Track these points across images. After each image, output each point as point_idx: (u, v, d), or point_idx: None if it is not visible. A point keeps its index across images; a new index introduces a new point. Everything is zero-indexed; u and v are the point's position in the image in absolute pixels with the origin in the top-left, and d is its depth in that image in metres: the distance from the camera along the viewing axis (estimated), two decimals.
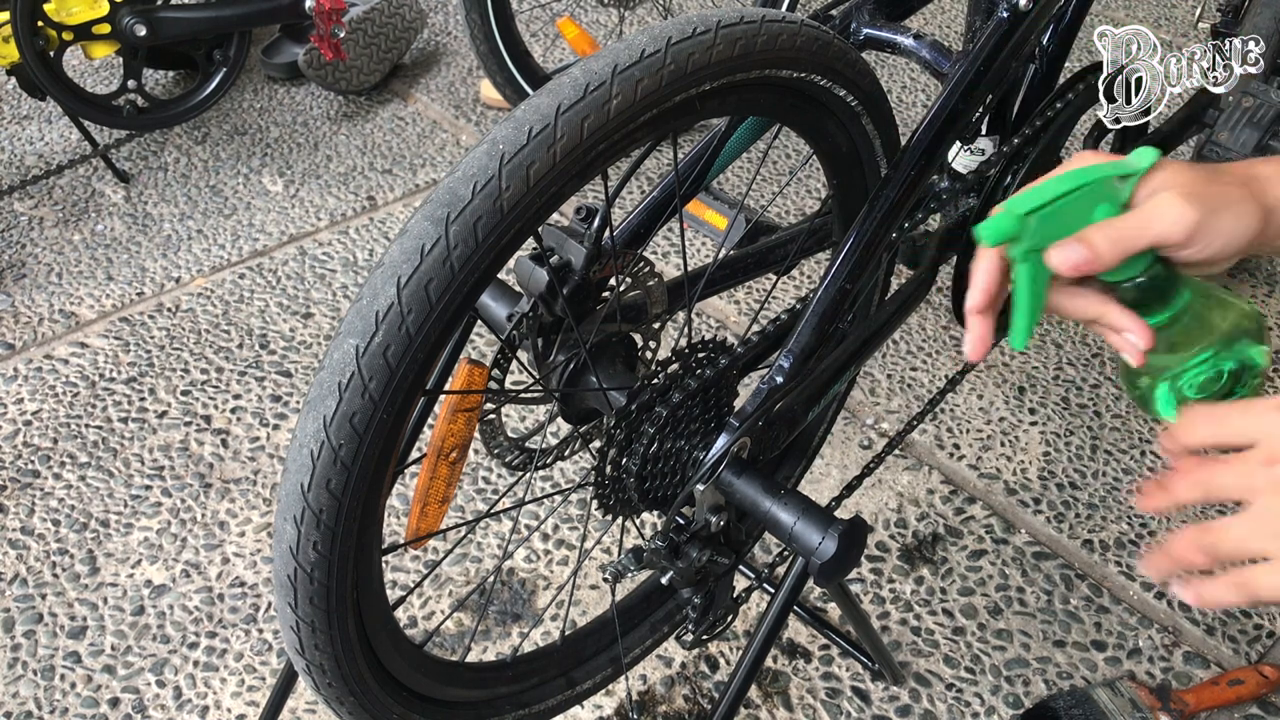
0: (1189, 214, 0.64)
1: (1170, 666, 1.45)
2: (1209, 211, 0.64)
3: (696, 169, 1.09)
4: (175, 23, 2.26)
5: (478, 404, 0.94)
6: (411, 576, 1.54)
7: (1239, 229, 0.65)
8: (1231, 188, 0.66)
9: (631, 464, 0.90)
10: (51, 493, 1.65)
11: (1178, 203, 0.64)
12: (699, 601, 0.98)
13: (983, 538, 1.61)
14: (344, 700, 0.87)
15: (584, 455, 1.65)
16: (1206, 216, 0.64)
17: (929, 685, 1.42)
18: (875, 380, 1.88)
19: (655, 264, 1.19)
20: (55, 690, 1.39)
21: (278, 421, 1.79)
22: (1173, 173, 0.66)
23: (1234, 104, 1.54)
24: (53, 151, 2.45)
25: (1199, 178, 0.66)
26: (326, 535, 0.76)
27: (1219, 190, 0.65)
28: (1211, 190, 0.65)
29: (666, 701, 1.40)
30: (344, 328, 0.73)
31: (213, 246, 2.18)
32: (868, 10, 1.16)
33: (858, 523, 0.88)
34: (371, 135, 2.55)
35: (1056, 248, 0.66)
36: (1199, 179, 0.66)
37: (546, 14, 3.00)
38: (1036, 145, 1.24)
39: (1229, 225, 0.65)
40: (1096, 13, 3.12)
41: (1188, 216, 0.64)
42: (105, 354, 1.91)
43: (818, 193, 2.36)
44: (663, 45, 0.78)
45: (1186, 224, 0.64)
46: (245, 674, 1.42)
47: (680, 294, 1.07)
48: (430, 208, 0.73)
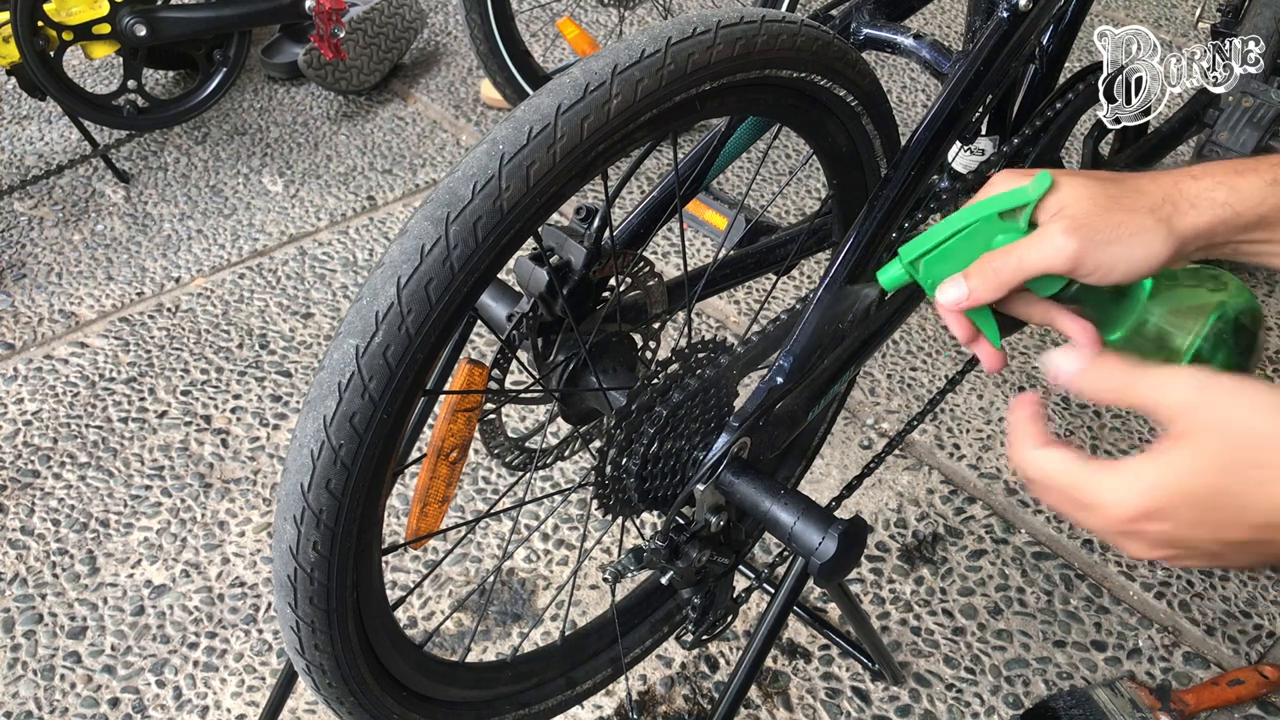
0: (1068, 248, 0.63)
1: (1170, 666, 1.45)
2: (1096, 244, 0.63)
3: (696, 169, 1.09)
4: (175, 23, 2.26)
5: (478, 404, 0.94)
6: (411, 576, 1.54)
7: (1136, 258, 0.63)
8: (1134, 215, 0.64)
9: (631, 464, 0.90)
10: (51, 493, 1.65)
11: (1058, 236, 0.64)
12: (699, 601, 0.98)
13: (983, 538, 1.61)
14: (344, 700, 0.87)
15: (584, 455, 1.65)
16: (1092, 249, 0.63)
17: (929, 685, 1.42)
18: (875, 380, 1.88)
19: (655, 264, 1.19)
20: (55, 690, 1.39)
21: (278, 421, 1.79)
22: (1073, 198, 0.65)
23: (1234, 104, 1.54)
24: (53, 151, 2.45)
25: (1097, 205, 0.64)
26: (326, 535, 0.76)
27: (1117, 219, 0.63)
28: (1107, 219, 0.64)
29: (666, 701, 1.40)
30: (344, 328, 0.73)
31: (213, 246, 2.18)
32: (868, 10, 1.16)
33: (858, 523, 0.88)
34: (371, 135, 2.55)
35: (942, 286, 0.68)
36: (1097, 207, 0.64)
37: (546, 14, 3.00)
38: (1036, 145, 1.24)
39: (1121, 255, 0.63)
40: (1096, 13, 3.12)
41: (1066, 250, 0.63)
42: (105, 354, 1.91)
43: (818, 193, 2.36)
44: (663, 45, 0.78)
45: (1065, 257, 0.63)
46: (245, 674, 1.42)
47: (680, 294, 1.07)
48: (430, 208, 0.73)
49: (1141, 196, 0.65)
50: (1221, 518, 0.55)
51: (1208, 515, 0.55)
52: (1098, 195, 0.65)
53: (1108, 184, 0.66)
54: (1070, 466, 0.60)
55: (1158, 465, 0.56)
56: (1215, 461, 0.54)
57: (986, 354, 0.72)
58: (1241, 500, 0.54)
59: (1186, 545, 0.57)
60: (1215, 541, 0.56)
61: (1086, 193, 0.65)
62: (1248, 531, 0.55)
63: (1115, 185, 0.66)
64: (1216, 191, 0.64)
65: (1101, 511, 0.58)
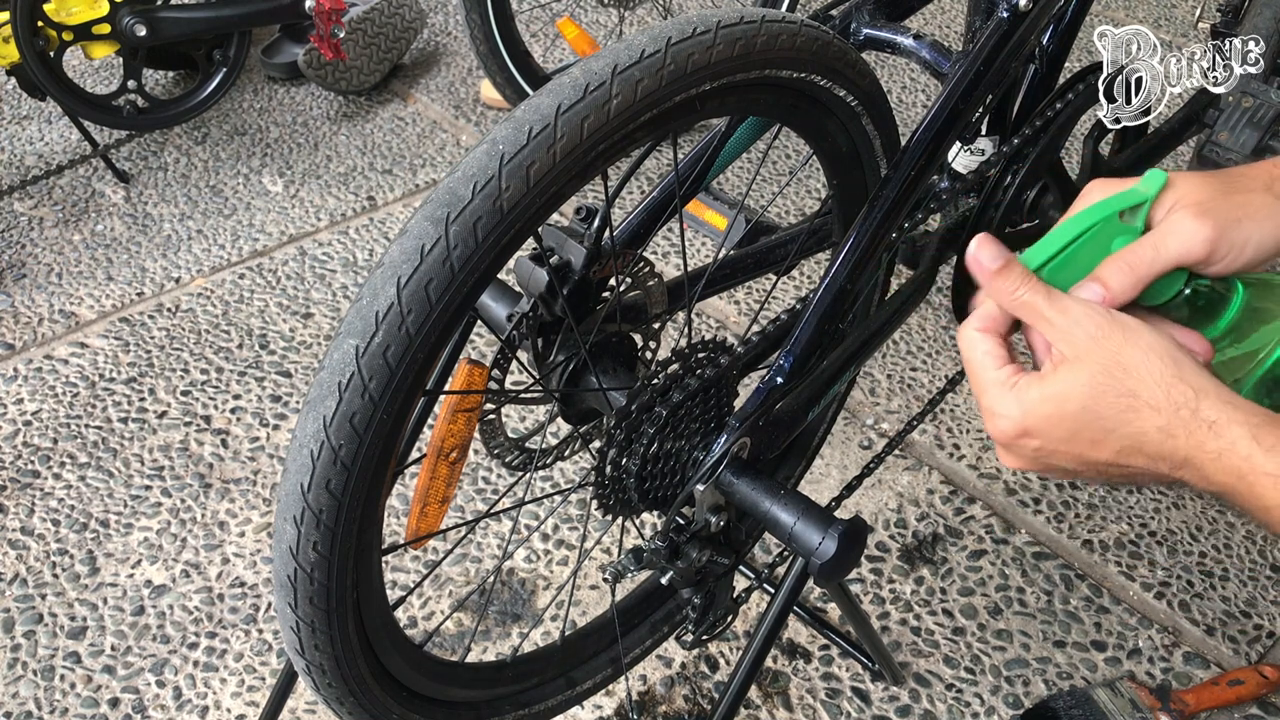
0: (1202, 231, 0.62)
1: (1170, 666, 1.45)
2: (1228, 223, 0.62)
3: (696, 169, 1.09)
4: (175, 23, 2.26)
5: (478, 404, 0.94)
6: (411, 576, 1.54)
7: (1265, 233, 0.63)
8: (1253, 194, 0.64)
9: (631, 464, 0.90)
10: (51, 493, 1.65)
11: (1190, 221, 0.63)
12: (699, 602, 0.98)
13: (983, 538, 1.61)
14: (344, 700, 0.87)
15: (584, 455, 1.65)
16: (1225, 229, 0.62)
17: (929, 685, 1.42)
18: (875, 380, 1.88)
19: (655, 264, 1.19)
20: (55, 690, 1.39)
21: (278, 421, 1.79)
22: (1188, 189, 0.65)
23: (1234, 104, 1.53)
24: (53, 151, 2.45)
25: (1216, 190, 0.64)
26: (326, 535, 0.76)
27: (1238, 199, 0.63)
28: (1230, 201, 0.63)
29: (666, 701, 1.40)
30: (344, 328, 0.73)
31: (213, 246, 2.18)
32: (868, 10, 1.16)
33: (858, 523, 0.88)
34: (371, 135, 2.55)
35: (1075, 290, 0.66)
36: (1216, 191, 0.64)
37: (546, 14, 3.00)
38: (1036, 145, 1.24)
39: (1253, 233, 0.63)
40: (1096, 13, 3.12)
41: (1201, 233, 0.62)
42: (105, 354, 1.91)
43: (818, 193, 2.36)
44: (663, 45, 0.78)
45: (1201, 241, 0.62)
46: (245, 674, 1.42)
47: (680, 294, 1.07)
48: (430, 208, 0.73)
49: (1251, 179, 0.65)
50: (1090, 438, 0.61)
51: (1078, 435, 0.61)
52: (1210, 182, 0.65)
53: (1214, 174, 0.66)
54: (988, 363, 0.65)
55: (1042, 387, 0.62)
56: (1090, 389, 0.60)
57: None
58: (1108, 425, 0.60)
59: (1054, 463, 0.64)
60: (1080, 460, 0.62)
61: (1200, 183, 0.65)
62: (1110, 454, 0.61)
63: (1221, 175, 0.66)
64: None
65: (991, 420, 0.65)
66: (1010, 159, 1.22)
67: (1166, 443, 0.59)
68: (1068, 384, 0.61)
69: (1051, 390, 0.62)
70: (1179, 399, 0.59)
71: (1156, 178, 0.65)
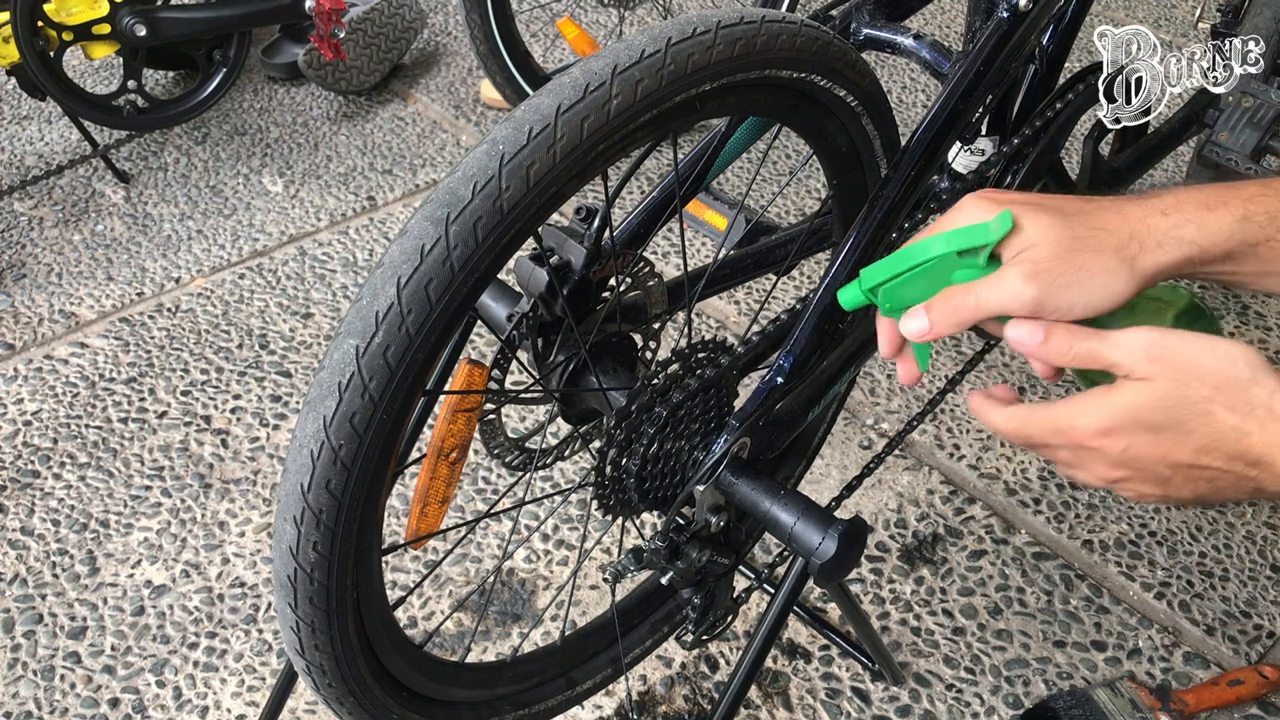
0: (1027, 292, 0.65)
1: (1170, 667, 1.45)
2: (1057, 288, 0.64)
3: (696, 169, 1.09)
4: (175, 23, 2.26)
5: (478, 404, 0.94)
6: (411, 576, 1.54)
7: (1095, 299, 0.65)
8: (1098, 256, 0.65)
9: (631, 464, 0.90)
10: (51, 493, 1.65)
11: (1018, 282, 0.65)
12: (699, 602, 0.98)
13: (983, 538, 1.61)
14: (344, 700, 0.87)
15: (584, 455, 1.65)
16: (1051, 292, 0.64)
17: (929, 685, 1.42)
18: (875, 380, 1.88)
19: (655, 264, 1.19)
20: (55, 690, 1.39)
21: (278, 421, 1.79)
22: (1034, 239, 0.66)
23: (1234, 104, 1.54)
24: (53, 151, 2.45)
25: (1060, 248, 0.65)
26: (326, 535, 0.76)
27: (1079, 261, 0.64)
28: (1068, 263, 0.65)
29: (666, 701, 1.40)
30: (344, 328, 0.73)
31: (213, 246, 2.18)
32: (868, 10, 1.16)
33: (858, 523, 0.88)
34: (371, 135, 2.55)
35: (905, 317, 0.70)
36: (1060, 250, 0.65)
37: (546, 14, 3.00)
38: (1036, 145, 1.24)
39: (1079, 298, 0.65)
40: (1096, 13, 3.12)
41: (1025, 294, 0.65)
42: (105, 354, 1.91)
43: (818, 193, 2.36)
44: (663, 45, 0.78)
45: (1025, 302, 0.65)
46: (245, 674, 1.42)
47: (680, 294, 1.07)
48: (430, 208, 0.73)
49: (1107, 234, 0.65)
50: (1170, 439, 0.62)
51: (1159, 437, 0.62)
52: (1062, 236, 0.65)
53: (1072, 220, 0.66)
54: (1038, 408, 0.67)
55: (1121, 393, 0.63)
56: (1167, 394, 0.62)
57: (907, 369, 0.77)
58: (1188, 425, 0.62)
59: (1139, 465, 0.64)
60: (1164, 462, 0.63)
61: (1050, 235, 0.66)
62: (1190, 455, 0.62)
63: (1080, 222, 0.66)
64: (1185, 229, 0.65)
65: (1070, 432, 0.65)
66: (1010, 159, 1.22)
67: (1242, 440, 0.61)
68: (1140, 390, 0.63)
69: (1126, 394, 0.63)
70: (1254, 399, 0.60)
71: (1004, 221, 0.66)
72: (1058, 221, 0.66)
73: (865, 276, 0.72)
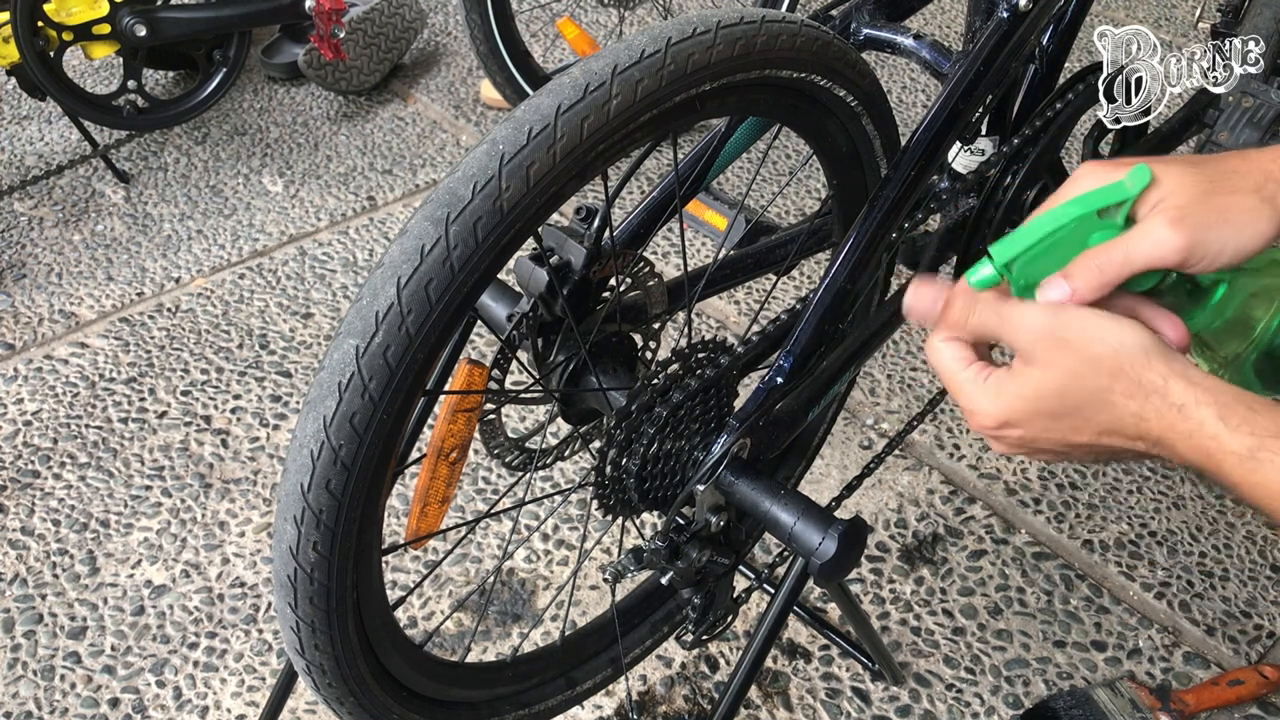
0: (1176, 239, 0.62)
1: (1170, 667, 1.45)
2: (1204, 229, 0.62)
3: (696, 169, 1.09)
4: (175, 23, 2.26)
5: (478, 404, 0.94)
6: (411, 576, 1.54)
7: (1244, 239, 0.62)
8: (1236, 196, 0.63)
9: (631, 464, 0.90)
10: (51, 493, 1.65)
11: (1163, 229, 0.62)
12: (699, 602, 0.98)
13: (983, 538, 1.61)
14: (344, 700, 0.87)
15: (584, 455, 1.65)
16: (1199, 235, 0.62)
17: (929, 685, 1.42)
18: (875, 380, 1.88)
19: (655, 264, 1.19)
20: (55, 690, 1.39)
21: (278, 421, 1.79)
22: (1172, 187, 0.64)
23: (1234, 104, 1.53)
24: (53, 151, 2.45)
25: (1200, 190, 0.63)
26: (326, 535, 0.76)
27: (1221, 202, 0.62)
28: (1210, 204, 0.62)
29: (666, 701, 1.40)
30: (344, 328, 0.73)
31: (213, 246, 2.18)
32: (868, 10, 1.16)
33: (858, 523, 0.88)
34: (371, 135, 2.55)
35: (1042, 287, 0.67)
36: (1200, 192, 0.63)
37: (546, 14, 3.00)
38: (1036, 145, 1.24)
39: (1230, 239, 0.62)
40: (1096, 13, 3.12)
41: (1173, 242, 0.62)
42: (105, 354, 1.91)
43: (818, 193, 2.36)
44: (662, 45, 0.78)
45: (1174, 249, 0.62)
46: (245, 674, 1.42)
47: (680, 294, 1.07)
48: (430, 208, 0.73)
49: (1240, 178, 0.64)
50: (1069, 424, 0.64)
51: (1057, 423, 0.65)
52: (1197, 181, 0.64)
53: (1203, 167, 0.65)
54: (956, 368, 0.69)
55: (1016, 382, 0.65)
56: (1066, 385, 0.63)
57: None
58: (1087, 413, 0.63)
59: (1037, 446, 0.67)
60: (1062, 444, 0.66)
61: (1185, 181, 0.64)
62: (1091, 436, 0.64)
63: (1210, 168, 0.65)
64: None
65: (972, 417, 0.68)
66: (1010, 159, 1.22)
67: (1141, 425, 0.61)
68: (1040, 380, 0.64)
69: (1026, 385, 0.65)
70: (1149, 386, 0.61)
71: (1142, 174, 0.64)
72: (1189, 169, 0.64)
73: (997, 252, 0.67)
